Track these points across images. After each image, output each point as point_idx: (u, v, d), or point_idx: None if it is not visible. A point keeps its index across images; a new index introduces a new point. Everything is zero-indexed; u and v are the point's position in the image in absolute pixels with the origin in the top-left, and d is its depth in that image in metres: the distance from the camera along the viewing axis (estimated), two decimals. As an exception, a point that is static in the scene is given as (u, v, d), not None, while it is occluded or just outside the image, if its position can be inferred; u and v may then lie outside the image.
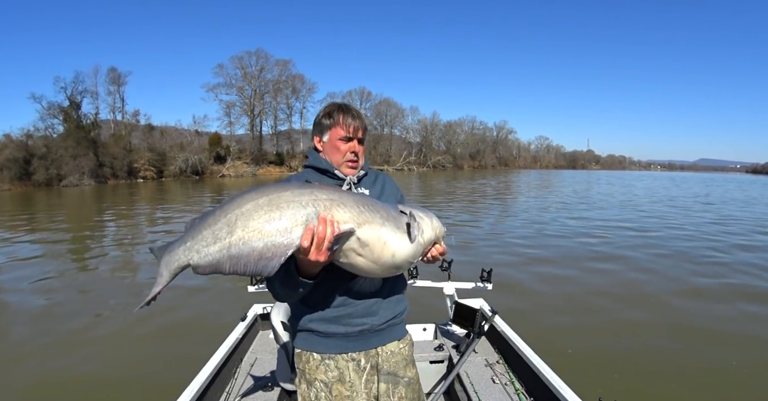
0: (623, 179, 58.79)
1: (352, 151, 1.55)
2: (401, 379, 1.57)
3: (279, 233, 1.07)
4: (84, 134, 40.28)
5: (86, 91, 44.10)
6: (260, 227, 1.06)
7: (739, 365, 4.09)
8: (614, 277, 7.26)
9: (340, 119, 1.54)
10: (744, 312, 5.61)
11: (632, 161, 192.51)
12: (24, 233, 12.44)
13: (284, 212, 1.08)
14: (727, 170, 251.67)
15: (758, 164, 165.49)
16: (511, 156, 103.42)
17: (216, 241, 1.06)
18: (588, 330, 5.00)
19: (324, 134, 1.57)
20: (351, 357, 1.50)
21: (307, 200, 1.11)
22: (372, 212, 1.23)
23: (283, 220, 1.07)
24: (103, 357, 4.36)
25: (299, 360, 1.54)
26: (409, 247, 1.30)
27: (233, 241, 1.05)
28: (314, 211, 1.11)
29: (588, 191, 31.19)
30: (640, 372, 3.89)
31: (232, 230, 1.06)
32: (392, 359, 1.56)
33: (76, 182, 36.45)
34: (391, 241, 1.26)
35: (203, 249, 1.07)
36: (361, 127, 1.56)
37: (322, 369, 1.49)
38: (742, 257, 8.78)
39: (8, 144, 35.65)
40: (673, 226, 13.23)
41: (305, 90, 62.84)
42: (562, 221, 13.95)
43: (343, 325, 1.47)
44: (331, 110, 1.57)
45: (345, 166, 1.56)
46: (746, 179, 71.95)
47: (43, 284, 7.15)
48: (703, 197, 26.61)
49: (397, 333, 1.59)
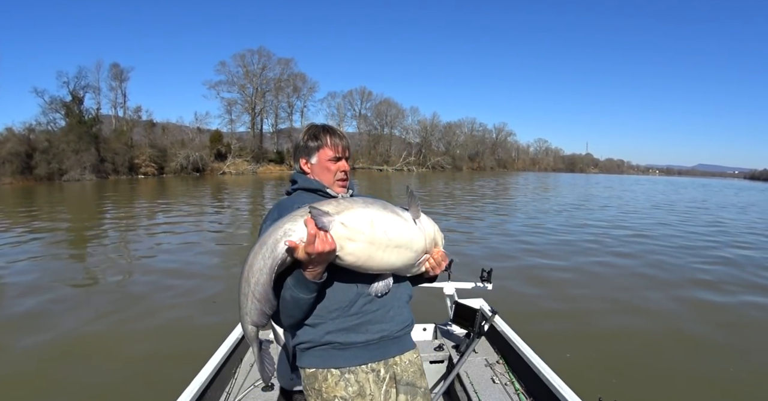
0: (622, 183, 58.80)
1: (342, 170, 1.59)
2: (418, 390, 1.57)
3: (263, 262, 1.30)
4: (86, 129, 40.16)
5: (89, 87, 44.04)
6: (259, 266, 1.31)
7: (737, 370, 4.10)
8: (614, 279, 7.28)
9: (327, 140, 1.57)
10: (744, 314, 5.62)
11: (631, 165, 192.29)
12: (23, 225, 12.42)
13: (265, 244, 1.31)
14: (725, 175, 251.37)
15: (756, 171, 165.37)
16: (510, 158, 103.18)
17: (246, 297, 1.35)
18: (588, 330, 5.02)
19: (312, 156, 1.59)
20: (371, 368, 1.48)
21: (282, 221, 1.32)
22: (351, 201, 1.35)
23: (263, 249, 1.31)
24: (102, 357, 4.32)
25: (314, 380, 1.47)
26: (399, 223, 1.36)
27: (251, 290, 1.33)
28: (289, 226, 1.30)
29: (587, 194, 31.21)
30: (640, 373, 3.90)
31: (249, 282, 1.33)
32: (410, 369, 1.56)
33: (77, 176, 36.30)
34: (379, 218, 1.32)
35: (245, 309, 1.37)
36: (347, 146, 1.61)
37: (342, 384, 1.45)
38: (743, 261, 8.78)
39: (10, 138, 35.50)
40: (672, 230, 13.25)
41: (306, 89, 62.85)
42: (563, 223, 13.98)
43: (363, 333, 1.46)
44: (316, 132, 1.60)
45: (336, 185, 1.60)
46: (745, 185, 71.95)
47: (42, 281, 7.14)
48: (700, 203, 26.65)
49: (411, 342, 1.61)
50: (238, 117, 58.00)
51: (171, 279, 6.99)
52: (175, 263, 8.14)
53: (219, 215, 16.01)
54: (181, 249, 9.47)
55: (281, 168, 55.40)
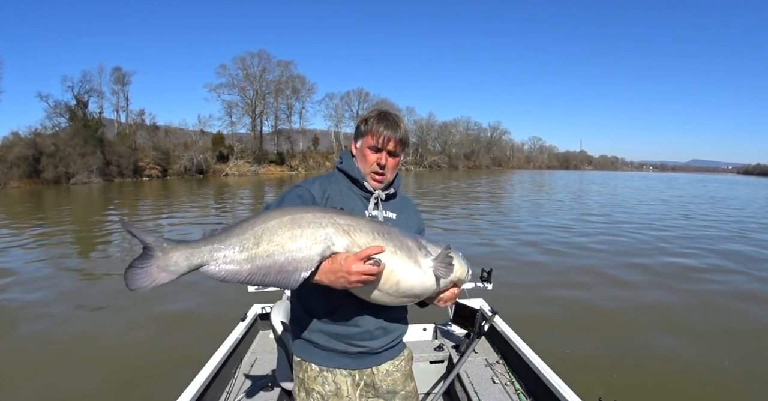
0: (616, 179, 58.74)
1: (378, 162, 1.44)
2: (398, 393, 1.54)
3: (300, 249, 1.13)
4: (91, 133, 40.15)
5: (93, 91, 44.03)
6: (283, 242, 1.12)
7: (731, 364, 4.07)
8: (614, 277, 7.20)
9: (373, 127, 1.43)
10: (743, 313, 5.57)
11: (624, 161, 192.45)
12: (35, 227, 12.39)
13: (305, 230, 1.14)
14: (718, 171, 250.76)
15: (749, 165, 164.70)
16: (504, 156, 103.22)
17: (243, 250, 1.11)
18: (588, 330, 4.96)
19: (358, 140, 1.49)
20: (349, 373, 1.47)
21: (326, 222, 1.17)
22: (386, 239, 1.23)
23: (304, 238, 1.14)
24: (101, 358, 4.30)
25: (299, 368, 1.50)
26: (416, 278, 1.26)
27: (258, 252, 1.11)
28: (333, 231, 1.17)
29: (582, 191, 31.19)
30: (640, 372, 3.86)
31: (258, 242, 1.11)
32: (388, 378, 1.52)
33: (84, 180, 36.31)
34: (399, 269, 1.23)
35: (230, 255, 1.10)
36: (394, 138, 1.43)
37: (320, 380, 1.46)
38: (741, 260, 8.68)
39: (17, 142, 35.47)
40: (668, 226, 13.20)
41: (305, 91, 62.69)
42: (561, 221, 13.92)
43: (344, 343, 1.44)
44: (369, 116, 1.47)
45: (370, 177, 1.47)
46: (741, 181, 71.53)
47: (42, 281, 7.12)
48: (698, 197, 26.64)
49: (392, 354, 1.54)
50: (239, 119, 57.96)
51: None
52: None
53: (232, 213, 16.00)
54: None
55: (282, 169, 55.43)
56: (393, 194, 1.55)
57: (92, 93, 43.98)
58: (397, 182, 1.57)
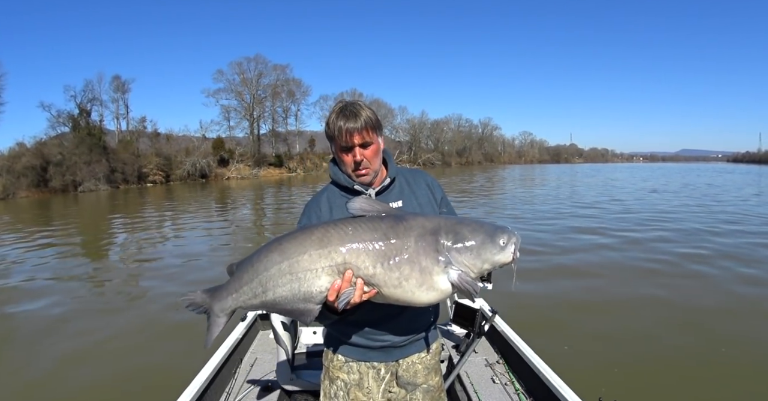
0: (606, 171, 58.68)
1: (354, 161, 1.37)
2: (420, 386, 1.53)
3: (301, 301, 1.20)
4: (96, 141, 40.04)
5: (95, 100, 43.86)
6: (285, 294, 1.19)
7: (731, 360, 3.99)
8: (614, 276, 7.01)
9: (335, 128, 1.34)
10: (742, 310, 5.44)
11: (615, 153, 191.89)
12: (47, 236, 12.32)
13: (302, 284, 1.18)
14: (708, 159, 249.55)
15: (738, 153, 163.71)
16: (496, 152, 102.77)
17: (255, 297, 1.22)
18: (588, 329, 4.85)
19: (331, 144, 1.42)
20: (372, 365, 1.49)
21: (321, 265, 1.17)
22: (390, 271, 1.16)
23: (302, 292, 1.19)
24: (102, 358, 4.31)
25: (325, 357, 1.55)
26: (432, 298, 1.20)
27: (268, 301, 1.21)
28: (328, 280, 1.18)
29: (574, 185, 31.13)
30: (640, 372, 3.79)
31: (265, 290, 1.20)
32: (412, 369, 1.52)
33: (92, 187, 36.21)
34: (409, 297, 1.18)
35: (247, 301, 1.23)
36: (357, 130, 1.32)
37: (345, 369, 1.49)
38: (739, 251, 8.53)
39: (24, 152, 35.30)
40: (666, 219, 13.02)
41: (300, 93, 62.39)
42: (560, 218, 13.66)
43: (365, 339, 1.45)
44: (329, 118, 1.36)
45: (355, 176, 1.41)
46: (731, 168, 70.96)
47: (47, 285, 7.14)
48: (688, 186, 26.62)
49: (419, 346, 1.53)
50: (238, 123, 57.73)
51: (172, 282, 7.02)
52: (179, 266, 8.19)
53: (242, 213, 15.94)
54: (186, 251, 9.42)
55: (280, 171, 55.45)
56: (390, 181, 1.47)
57: (95, 102, 43.84)
58: (391, 165, 1.49)
